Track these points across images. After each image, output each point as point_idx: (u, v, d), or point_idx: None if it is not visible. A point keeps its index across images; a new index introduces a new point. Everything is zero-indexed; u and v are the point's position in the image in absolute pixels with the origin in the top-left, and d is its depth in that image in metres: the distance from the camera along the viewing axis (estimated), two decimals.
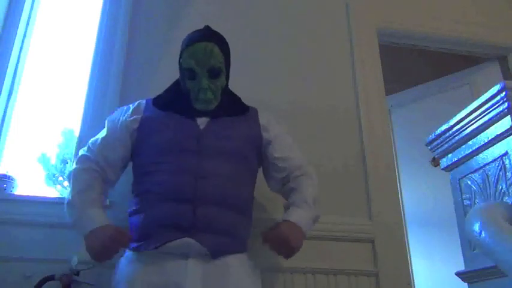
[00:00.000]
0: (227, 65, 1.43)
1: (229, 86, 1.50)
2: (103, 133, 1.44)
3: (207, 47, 1.35)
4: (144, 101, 1.48)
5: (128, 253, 1.34)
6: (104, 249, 1.22)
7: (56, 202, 1.86)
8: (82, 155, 1.41)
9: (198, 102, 1.39)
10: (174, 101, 1.44)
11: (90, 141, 1.44)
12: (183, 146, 1.33)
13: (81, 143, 1.90)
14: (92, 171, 1.36)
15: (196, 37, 1.38)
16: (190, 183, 1.26)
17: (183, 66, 1.39)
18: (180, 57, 1.40)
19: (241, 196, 1.35)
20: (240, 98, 1.53)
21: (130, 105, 1.48)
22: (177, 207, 1.24)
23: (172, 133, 1.36)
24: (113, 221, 1.32)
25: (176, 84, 1.49)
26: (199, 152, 1.32)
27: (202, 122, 1.40)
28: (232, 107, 1.48)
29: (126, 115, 1.44)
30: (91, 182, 1.34)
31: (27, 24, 2.18)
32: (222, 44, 1.41)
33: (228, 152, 1.35)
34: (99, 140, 1.42)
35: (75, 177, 1.36)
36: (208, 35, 1.39)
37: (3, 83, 2.00)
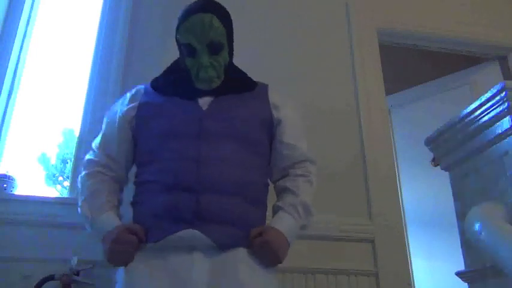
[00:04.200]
0: (230, 39, 1.30)
1: None
2: (102, 130, 1.37)
3: (205, 19, 1.21)
4: (142, 86, 1.37)
5: None
6: (113, 254, 1.15)
7: (56, 202, 1.87)
8: (87, 160, 1.35)
9: (199, 81, 1.27)
10: (173, 83, 1.32)
11: (93, 143, 1.38)
12: (184, 130, 1.22)
13: (81, 143, 1.90)
14: (97, 174, 1.29)
15: (193, 9, 1.24)
16: (192, 169, 1.16)
17: (180, 42, 1.27)
18: (177, 33, 1.27)
19: (250, 182, 1.21)
20: (246, 74, 1.39)
21: (128, 93, 1.38)
22: (178, 196, 1.14)
23: (171, 117, 1.25)
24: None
25: (175, 63, 1.37)
26: (201, 136, 1.20)
27: (204, 102, 1.27)
28: (238, 83, 1.34)
29: (123, 105, 1.35)
30: (97, 187, 1.27)
31: (27, 24, 2.18)
32: (223, 15, 1.27)
33: (234, 134, 1.23)
34: (99, 139, 1.36)
35: (81, 185, 1.29)
36: (206, 5, 1.24)
37: (3, 83, 2.00)
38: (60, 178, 8.61)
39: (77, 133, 2.01)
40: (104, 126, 1.38)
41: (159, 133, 1.24)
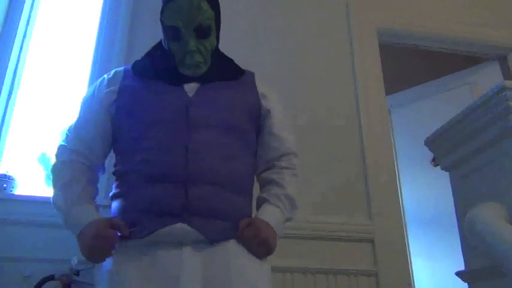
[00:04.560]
0: (217, 23, 1.23)
1: None
2: (77, 114, 1.26)
3: (193, 1, 1.14)
4: (122, 69, 1.28)
5: None
6: (93, 251, 1.07)
7: None
8: (59, 146, 1.23)
9: (184, 67, 1.19)
10: (156, 66, 1.24)
11: (66, 128, 1.26)
12: (169, 117, 1.14)
13: None
14: (72, 162, 1.18)
15: None
16: (179, 160, 1.08)
17: (165, 24, 1.19)
18: (161, 14, 1.20)
19: (239, 173, 1.16)
20: (233, 60, 1.32)
21: (105, 76, 1.27)
22: (165, 188, 1.06)
23: (156, 103, 1.17)
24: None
25: (158, 46, 1.29)
26: (188, 124, 1.13)
27: (190, 88, 1.19)
28: (225, 70, 1.28)
29: (101, 88, 1.24)
30: (72, 176, 1.16)
31: (27, 24, 2.19)
32: None
33: (222, 123, 1.16)
34: (73, 123, 1.24)
35: (54, 173, 1.19)
36: None
37: (3, 83, 2.00)
38: None
39: None
40: (79, 110, 1.26)
41: (142, 120, 1.16)
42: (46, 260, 1.61)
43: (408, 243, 2.55)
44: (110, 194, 1.19)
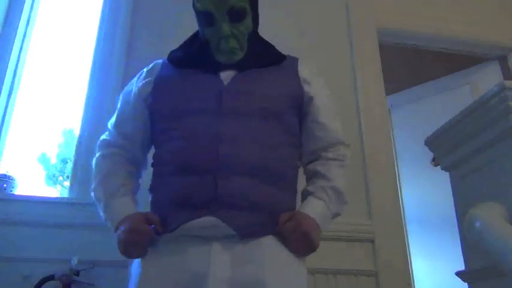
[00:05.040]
0: (254, 5, 1.16)
1: None
2: (117, 109, 1.25)
3: None
4: (161, 60, 1.25)
5: None
6: (128, 246, 1.03)
7: (56, 202, 1.87)
8: (101, 140, 1.23)
9: (219, 54, 1.14)
10: (192, 55, 1.20)
11: (108, 123, 1.25)
12: (202, 106, 1.09)
13: (81, 143, 1.91)
14: (112, 155, 1.18)
15: None
16: (210, 149, 1.03)
17: (198, 9, 1.14)
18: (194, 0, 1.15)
19: (277, 164, 1.08)
20: (273, 46, 1.26)
21: (145, 68, 1.26)
22: (194, 180, 1.01)
23: (189, 92, 1.13)
24: None
25: (195, 35, 1.24)
26: (221, 112, 1.07)
27: (226, 76, 1.15)
28: (264, 56, 1.21)
29: (139, 80, 1.23)
30: (112, 169, 1.15)
31: (27, 24, 2.19)
32: None
33: (258, 110, 1.10)
34: (114, 118, 1.24)
35: (95, 167, 1.18)
36: None
37: (3, 83, 2.00)
38: (60, 178, 8.60)
39: (77, 133, 2.01)
40: (119, 104, 1.26)
41: (175, 109, 1.12)
42: (46, 260, 1.61)
43: (408, 243, 2.55)
44: (148, 187, 1.16)
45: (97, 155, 1.20)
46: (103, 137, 1.24)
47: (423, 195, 2.83)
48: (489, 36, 2.55)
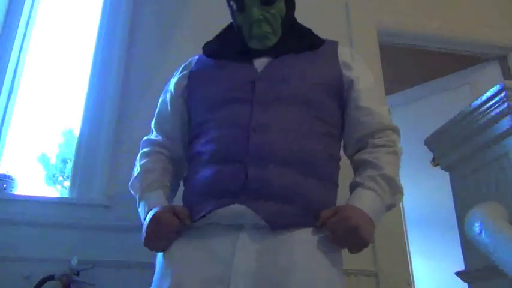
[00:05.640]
0: None
1: None
2: (157, 107, 1.25)
3: None
4: (197, 56, 1.24)
5: None
6: (150, 237, 1.01)
7: (56, 202, 1.87)
8: (145, 139, 1.24)
9: (252, 40, 1.10)
10: (226, 45, 1.17)
11: (152, 122, 1.26)
12: (234, 95, 1.06)
13: (81, 143, 1.91)
14: (154, 153, 1.18)
15: None
16: (241, 138, 0.99)
17: None
18: None
19: (311, 152, 1.02)
20: (310, 30, 1.22)
21: (182, 64, 1.25)
22: (224, 169, 0.98)
23: (222, 83, 1.10)
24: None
25: (229, 25, 1.21)
26: (253, 101, 1.04)
27: (261, 63, 1.11)
28: (301, 40, 1.16)
29: (175, 76, 1.23)
30: (151, 165, 1.14)
31: (27, 24, 2.19)
32: None
33: (293, 98, 1.05)
34: (155, 117, 1.25)
35: (136, 163, 1.19)
36: None
37: (3, 83, 2.00)
38: (60, 178, 8.60)
39: (77, 133, 2.01)
40: (159, 102, 1.26)
41: (208, 101, 1.11)
42: (46, 260, 1.61)
43: (408, 243, 2.55)
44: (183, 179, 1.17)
45: (140, 152, 1.21)
46: (147, 136, 1.25)
47: (423, 195, 2.83)
48: (489, 36, 2.55)
